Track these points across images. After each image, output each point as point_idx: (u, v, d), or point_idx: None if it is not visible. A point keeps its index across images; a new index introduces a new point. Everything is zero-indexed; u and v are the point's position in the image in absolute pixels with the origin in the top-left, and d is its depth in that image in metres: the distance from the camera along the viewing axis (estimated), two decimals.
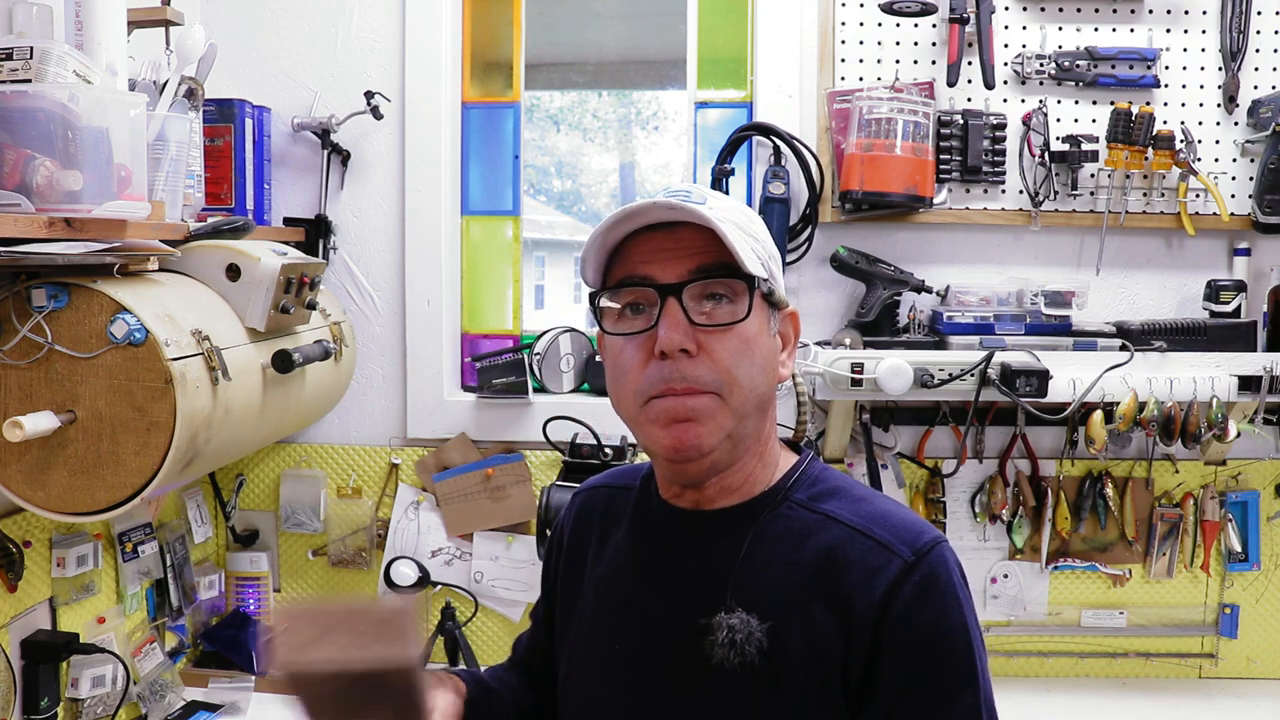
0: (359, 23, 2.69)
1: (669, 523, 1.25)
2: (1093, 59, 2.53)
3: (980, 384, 2.34)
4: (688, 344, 1.11)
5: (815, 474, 1.24)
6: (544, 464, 2.69)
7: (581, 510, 1.42)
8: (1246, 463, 2.60)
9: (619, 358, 1.17)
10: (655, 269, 1.14)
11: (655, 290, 1.13)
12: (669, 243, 1.15)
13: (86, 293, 1.67)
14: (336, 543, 2.72)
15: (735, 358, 1.13)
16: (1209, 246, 2.62)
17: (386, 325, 2.75)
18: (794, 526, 1.18)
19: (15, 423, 1.58)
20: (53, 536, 2.09)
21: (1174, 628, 2.64)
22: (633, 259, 1.16)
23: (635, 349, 1.15)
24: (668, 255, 1.14)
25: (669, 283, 1.13)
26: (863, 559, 1.12)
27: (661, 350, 1.11)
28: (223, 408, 1.85)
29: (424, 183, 2.69)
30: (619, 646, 1.24)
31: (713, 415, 1.13)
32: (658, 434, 1.14)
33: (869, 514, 1.16)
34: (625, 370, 1.16)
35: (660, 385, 1.12)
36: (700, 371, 1.12)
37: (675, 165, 2.93)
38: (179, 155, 1.94)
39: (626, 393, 1.16)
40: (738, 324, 1.14)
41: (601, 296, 1.19)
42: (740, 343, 1.14)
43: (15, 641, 1.98)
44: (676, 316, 1.12)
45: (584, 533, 1.39)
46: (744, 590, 1.15)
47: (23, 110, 1.58)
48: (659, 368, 1.12)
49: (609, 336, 1.18)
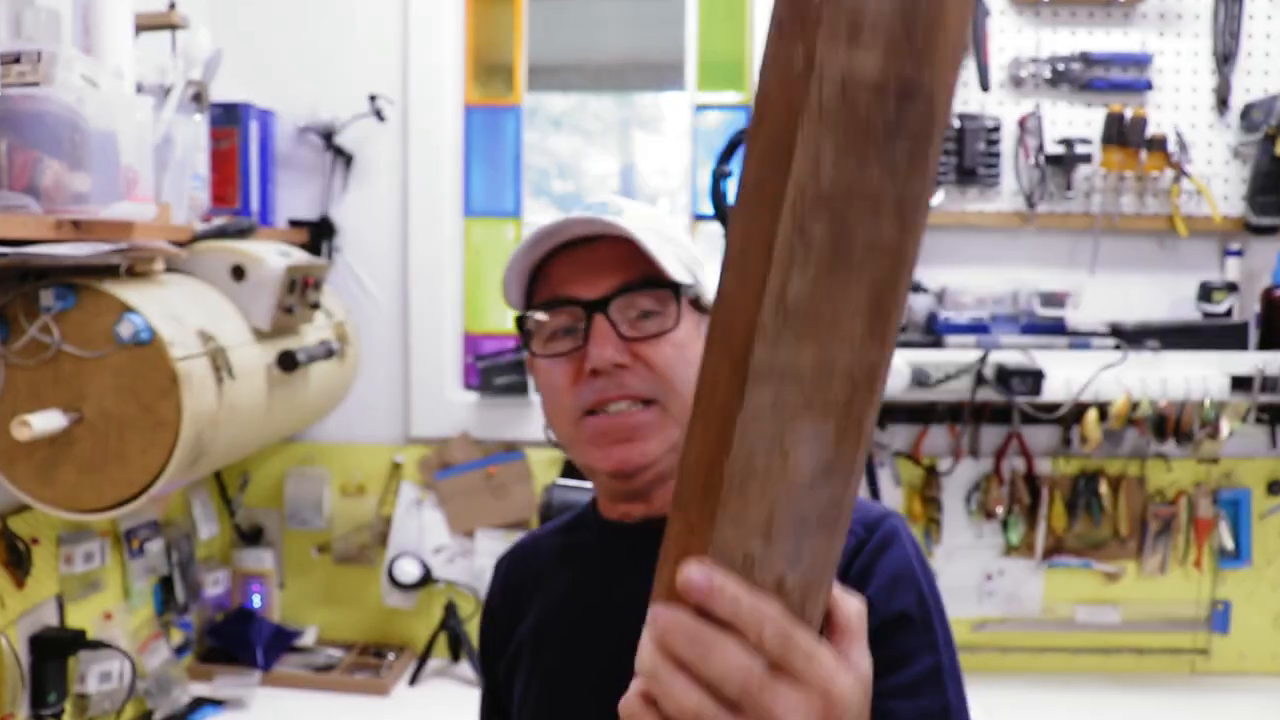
0: (362, 27, 2.71)
1: (614, 540, 1.20)
2: (1087, 63, 2.55)
3: (976, 383, 2.37)
4: (620, 358, 1.08)
5: None
6: (545, 462, 2.72)
7: (508, 575, 1.34)
8: (1238, 461, 2.62)
9: (549, 378, 1.13)
10: (579, 287, 1.10)
11: (581, 308, 1.09)
12: (589, 258, 1.11)
13: (94, 293, 1.69)
14: (340, 540, 2.75)
15: (671, 365, 1.10)
16: (1201, 247, 2.65)
17: (389, 325, 2.77)
18: None
19: (23, 421, 1.59)
20: (60, 533, 2.10)
21: (1167, 624, 2.66)
22: (555, 278, 1.12)
23: (565, 368, 1.11)
24: (590, 272, 1.11)
25: (594, 299, 1.09)
26: None
27: (594, 368, 1.07)
28: (228, 406, 1.86)
29: (426, 184, 2.71)
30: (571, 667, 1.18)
31: (655, 428, 1.09)
32: (596, 455, 1.10)
33: None
34: (556, 389, 1.11)
35: (594, 397, 1.09)
36: (636, 382, 1.09)
37: (675, 167, 2.95)
38: (185, 158, 1.96)
39: (560, 412, 1.12)
40: (668, 333, 1.11)
41: (527, 319, 1.14)
42: (674, 349, 1.10)
43: (23, 637, 2.00)
44: (605, 332, 1.08)
45: (516, 596, 1.31)
46: None
47: (31, 113, 1.59)
48: (591, 383, 1.08)
49: (538, 360, 1.13)
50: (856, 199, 0.52)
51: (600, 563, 1.21)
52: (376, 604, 2.77)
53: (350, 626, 2.79)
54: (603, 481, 1.18)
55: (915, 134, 0.53)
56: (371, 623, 2.78)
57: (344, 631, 2.79)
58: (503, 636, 1.29)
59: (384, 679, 2.54)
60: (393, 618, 2.77)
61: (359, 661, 2.65)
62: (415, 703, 2.51)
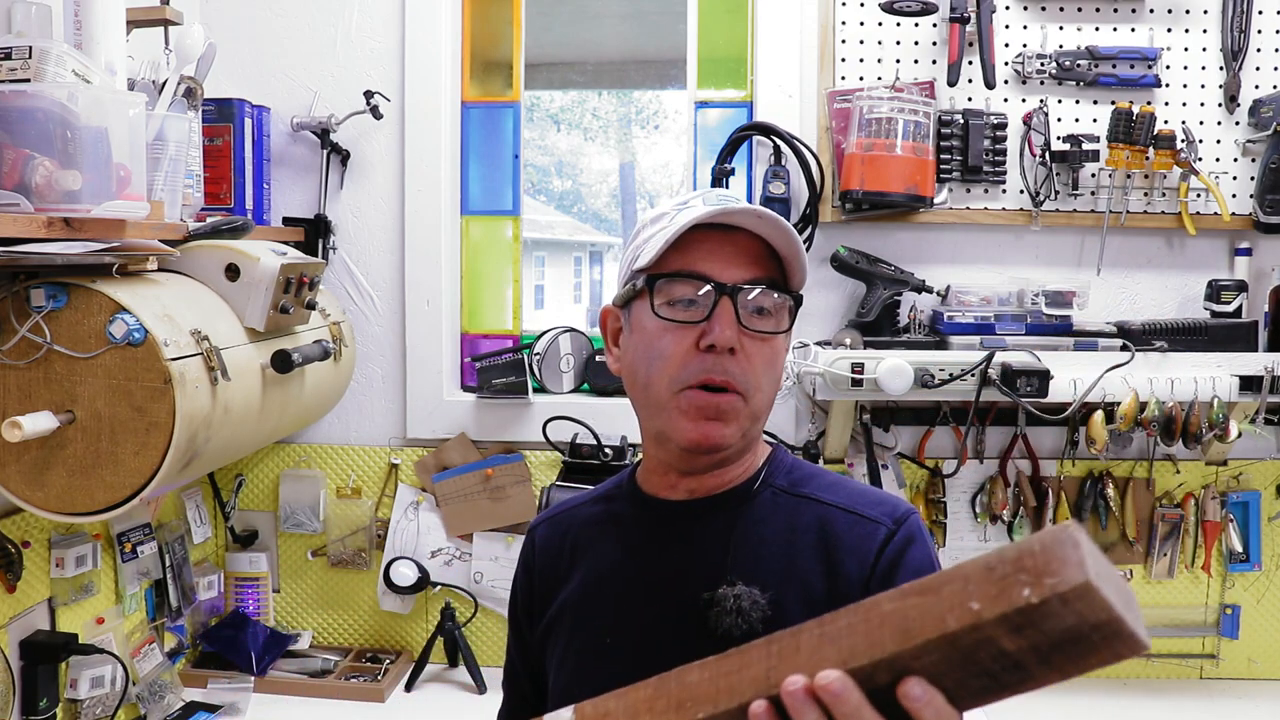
0: (359, 22, 2.68)
1: (658, 515, 1.28)
2: (1093, 58, 2.53)
3: (981, 384, 2.34)
4: (736, 342, 1.16)
5: (789, 462, 1.31)
6: (544, 464, 2.69)
7: (548, 539, 1.41)
8: (1247, 463, 2.60)
9: (657, 342, 1.19)
10: (715, 267, 1.18)
11: (714, 287, 1.17)
12: (729, 246, 1.19)
13: (85, 293, 1.67)
14: (336, 543, 2.72)
15: (765, 366, 1.20)
16: (1210, 246, 2.62)
17: (386, 325, 2.75)
18: (780, 510, 1.24)
19: (14, 423, 1.58)
20: (52, 537, 2.08)
21: (1175, 628, 2.64)
22: (694, 253, 1.19)
23: (678, 337, 1.18)
24: (729, 257, 1.19)
25: (729, 283, 1.17)
26: (851, 530, 1.20)
27: (712, 344, 1.15)
28: (222, 408, 1.84)
29: (424, 182, 2.69)
30: (609, 640, 1.25)
31: (737, 415, 1.18)
32: (685, 425, 1.18)
33: (847, 494, 1.25)
34: (664, 355, 1.18)
35: (701, 375, 1.16)
36: (739, 370, 1.17)
37: (675, 165, 2.92)
38: (178, 155, 1.94)
39: (661, 377, 1.19)
40: (776, 335, 1.21)
41: (659, 280, 1.20)
42: (772, 353, 1.21)
43: (14, 642, 1.98)
44: (730, 315, 1.16)
45: (555, 560, 1.38)
46: (740, 566, 1.19)
47: (22, 110, 1.58)
48: (702, 360, 1.17)
49: (653, 320, 1.20)
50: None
51: (643, 537, 1.30)
52: (373, 608, 2.74)
53: (346, 631, 2.76)
54: (668, 452, 1.25)
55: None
56: (367, 627, 2.75)
57: (339, 636, 2.76)
58: (543, 600, 1.37)
59: (380, 684, 2.52)
60: (389, 622, 2.74)
61: (355, 666, 2.62)
62: (412, 708, 2.48)
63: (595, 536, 1.34)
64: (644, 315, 1.21)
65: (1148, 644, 0.66)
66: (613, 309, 1.31)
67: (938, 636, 0.69)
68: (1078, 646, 0.66)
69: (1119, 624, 0.65)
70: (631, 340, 1.24)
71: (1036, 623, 0.66)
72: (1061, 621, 0.65)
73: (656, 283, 1.20)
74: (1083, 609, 0.64)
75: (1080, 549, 0.66)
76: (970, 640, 0.68)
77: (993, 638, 0.67)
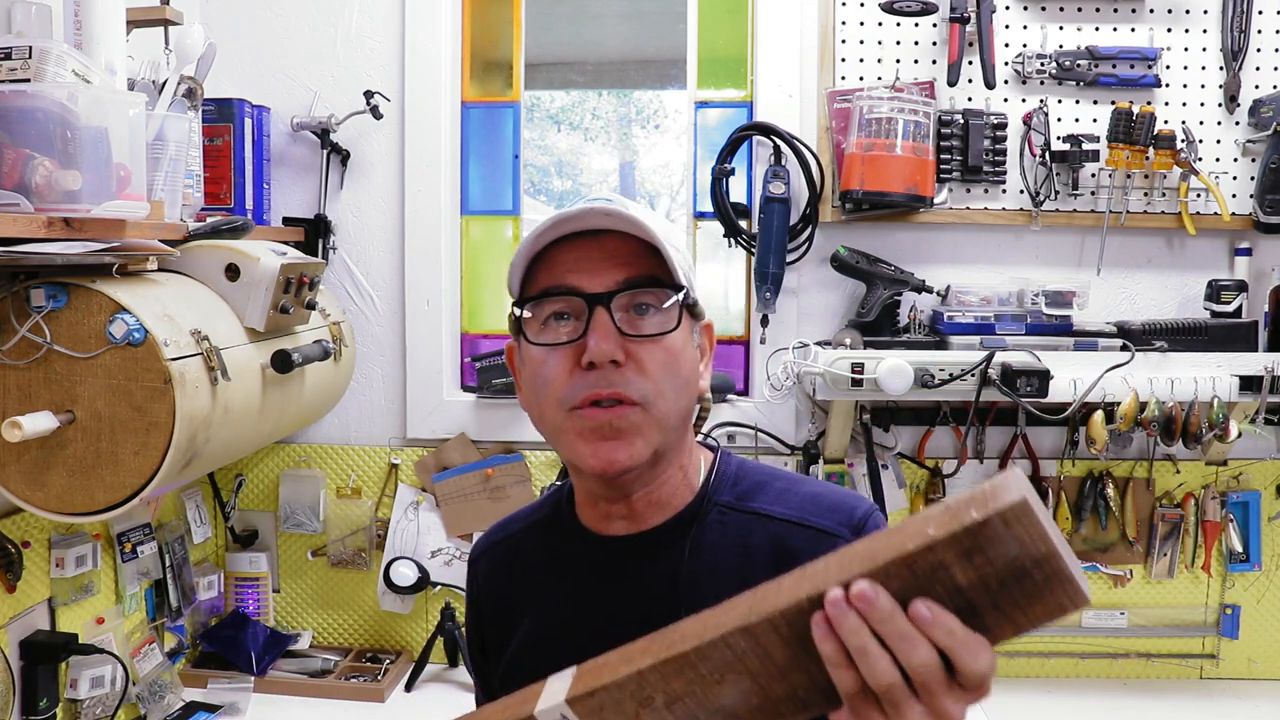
0: (358, 22, 2.68)
1: (601, 554, 1.21)
2: (1093, 58, 2.53)
3: (981, 384, 2.34)
4: (617, 354, 1.08)
5: (733, 471, 1.23)
6: (543, 464, 2.69)
7: (490, 576, 1.35)
8: (1247, 463, 2.59)
9: (541, 369, 1.12)
10: (582, 278, 1.10)
11: (583, 300, 1.09)
12: (595, 251, 1.11)
13: (85, 293, 1.67)
14: (336, 543, 2.72)
15: (662, 369, 1.11)
16: (1210, 246, 2.62)
17: (386, 325, 2.75)
18: (729, 532, 1.17)
19: (14, 423, 1.58)
20: (51, 537, 2.08)
21: (1175, 628, 2.63)
22: (559, 267, 1.12)
23: (559, 359, 1.11)
24: (595, 264, 1.11)
25: (598, 292, 1.09)
26: (808, 549, 1.09)
27: (590, 361, 1.07)
28: (222, 408, 1.84)
29: (424, 182, 2.69)
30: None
31: (639, 430, 1.10)
32: (582, 450, 1.11)
33: (798, 503, 1.17)
34: (548, 380, 1.11)
35: (586, 392, 1.09)
36: (628, 380, 1.09)
37: (675, 165, 2.92)
38: (178, 155, 1.94)
39: (549, 403, 1.12)
40: (666, 335, 1.11)
41: (525, 305, 1.13)
42: (667, 354, 1.11)
43: (14, 642, 1.98)
44: (606, 327, 1.08)
45: (501, 599, 1.31)
46: (694, 604, 1.12)
47: (21, 110, 1.58)
48: (585, 377, 1.09)
49: (531, 347, 1.13)
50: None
51: (589, 578, 1.21)
52: (373, 608, 2.74)
53: (346, 631, 2.76)
54: (585, 481, 1.20)
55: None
56: (367, 627, 2.75)
57: (339, 636, 2.76)
58: (496, 643, 1.30)
59: (380, 684, 2.51)
60: (389, 622, 2.74)
61: (355, 666, 2.62)
62: (412, 708, 2.48)
63: (540, 577, 1.27)
64: (526, 346, 1.14)
65: (1088, 597, 0.71)
66: (512, 344, 1.23)
67: (897, 557, 0.73)
68: (1022, 585, 0.71)
69: (1057, 560, 0.70)
70: (525, 374, 1.17)
71: (983, 546, 0.71)
72: (1005, 549, 0.70)
73: (525, 307, 1.13)
74: (1021, 534, 0.70)
75: (1022, 484, 0.72)
76: (926, 563, 0.73)
77: (945, 563, 0.72)
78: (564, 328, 1.12)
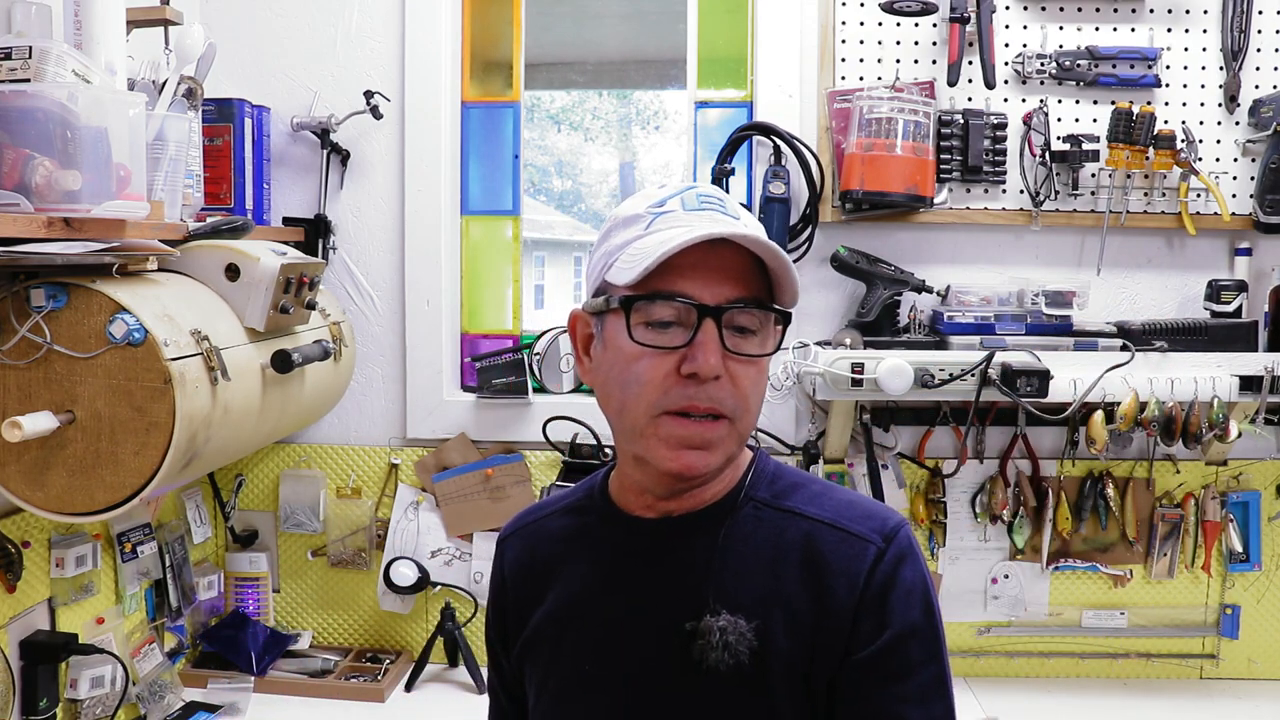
0: (358, 22, 2.68)
1: (634, 534, 1.22)
2: (1093, 58, 2.53)
3: (981, 384, 2.34)
4: (721, 370, 1.09)
5: (771, 471, 1.24)
6: (544, 464, 2.69)
7: (518, 555, 1.36)
8: (1247, 463, 2.59)
9: (634, 365, 1.11)
10: (697, 287, 1.09)
11: (697, 310, 1.09)
12: (712, 259, 1.10)
13: (85, 293, 1.67)
14: (336, 543, 2.72)
15: (752, 386, 1.13)
16: (1210, 246, 2.62)
17: (386, 325, 2.74)
18: (763, 527, 1.18)
19: (14, 423, 1.58)
20: (52, 537, 2.08)
21: (1175, 628, 2.63)
22: (673, 271, 1.09)
23: (658, 362, 1.10)
24: (709, 274, 1.10)
25: (711, 305, 1.09)
26: (838, 550, 1.14)
27: (696, 373, 1.08)
28: (222, 408, 1.84)
29: (424, 182, 2.69)
30: (589, 668, 1.21)
31: (723, 442, 1.12)
32: (664, 454, 1.11)
33: (833, 506, 1.18)
34: (641, 381, 1.11)
35: (684, 402, 1.09)
36: (724, 396, 1.10)
37: (675, 165, 2.92)
38: (178, 155, 1.94)
39: (638, 403, 1.11)
40: (764, 357, 1.14)
41: (636, 304, 1.11)
42: (759, 373, 1.14)
43: (14, 642, 1.98)
44: (715, 341, 1.09)
45: (526, 577, 1.33)
46: (723, 591, 1.14)
47: (21, 110, 1.58)
48: (684, 386, 1.09)
49: (629, 343, 1.11)
50: None
51: (619, 557, 1.24)
52: (373, 608, 2.74)
53: (346, 631, 2.76)
54: (647, 475, 1.20)
55: None
56: (367, 627, 2.75)
57: (339, 636, 2.76)
58: (517, 620, 1.32)
59: (380, 684, 2.51)
60: (389, 622, 2.74)
61: (355, 666, 2.62)
62: (412, 708, 2.48)
63: (567, 554, 1.28)
64: (619, 335, 1.12)
65: None
66: (583, 315, 1.21)
67: None
68: None
69: None
70: (605, 357, 1.16)
71: None
72: None
73: (634, 304, 1.11)
74: None
75: None
76: None
77: None
78: (668, 332, 1.10)
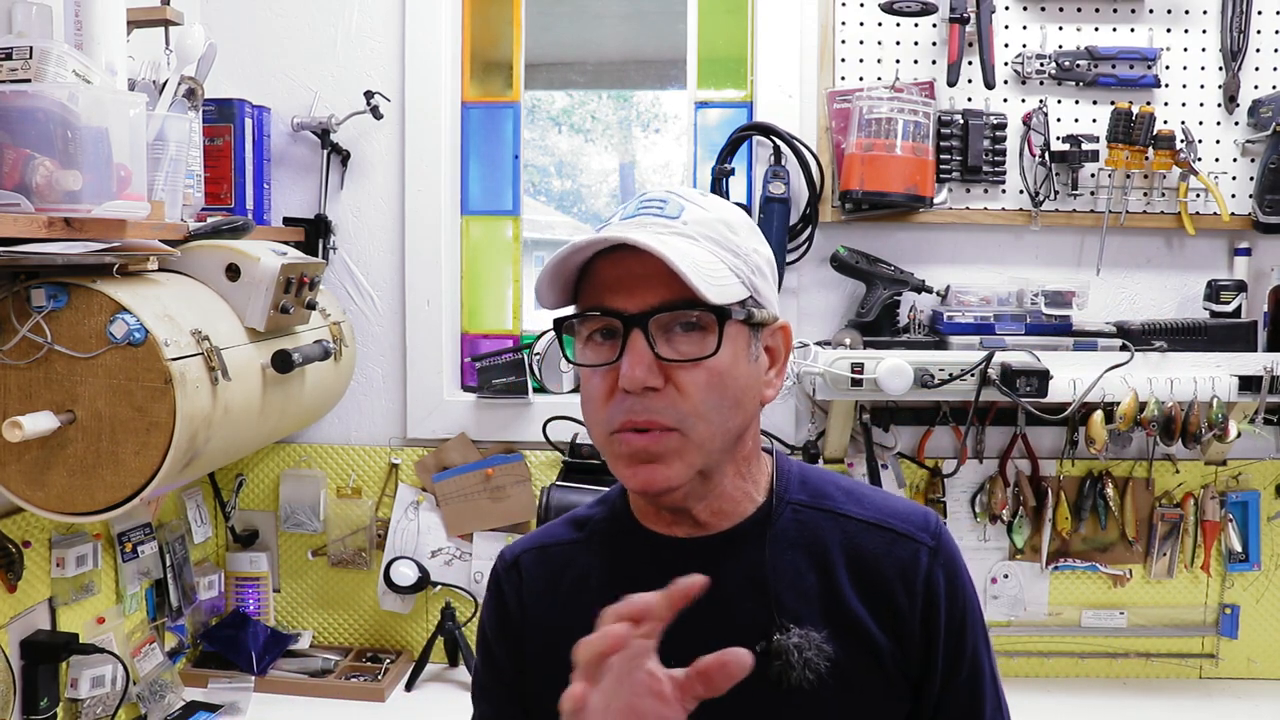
0: (359, 22, 2.68)
1: (669, 556, 1.15)
2: (1093, 59, 2.53)
3: (980, 384, 2.34)
4: (652, 380, 1.04)
5: (796, 471, 1.22)
6: (544, 464, 2.69)
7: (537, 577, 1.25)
8: (1247, 463, 2.60)
9: (586, 386, 1.11)
10: (621, 296, 1.06)
11: (620, 321, 1.06)
12: (637, 267, 1.05)
13: (86, 293, 1.67)
14: (336, 543, 2.72)
15: (704, 393, 1.06)
16: (1209, 246, 2.62)
17: (386, 325, 2.75)
18: (806, 529, 1.16)
19: (14, 423, 1.58)
20: (52, 536, 2.08)
21: (1174, 628, 2.64)
22: (599, 283, 1.08)
23: (601, 379, 1.09)
24: (635, 280, 1.06)
25: (633, 313, 1.05)
26: (889, 551, 1.14)
27: (624, 388, 1.05)
28: (222, 408, 1.84)
29: (424, 182, 2.69)
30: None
31: (678, 454, 1.07)
32: (625, 472, 1.09)
33: (872, 505, 1.18)
34: (592, 399, 1.10)
35: (622, 418, 1.06)
36: (663, 407, 1.05)
37: (675, 165, 2.92)
38: (178, 155, 1.94)
39: (594, 424, 1.11)
40: (705, 359, 1.06)
41: (565, 324, 1.11)
42: (710, 377, 1.06)
43: (15, 642, 1.98)
44: (641, 351, 1.04)
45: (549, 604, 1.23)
46: (786, 606, 1.12)
47: (22, 110, 1.58)
48: (622, 401, 1.06)
49: (578, 366, 1.12)
50: None
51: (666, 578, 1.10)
52: (373, 608, 2.74)
53: (346, 630, 2.76)
54: (636, 497, 1.20)
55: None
56: (368, 627, 2.75)
57: (340, 636, 2.76)
58: (544, 649, 1.21)
59: (380, 684, 2.51)
60: (389, 621, 2.74)
61: (355, 666, 2.62)
62: (412, 708, 2.48)
63: (602, 584, 1.18)
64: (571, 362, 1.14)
65: None
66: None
67: None
68: None
69: None
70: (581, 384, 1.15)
71: None
72: None
73: (563, 326, 1.11)
74: None
75: None
76: None
77: None
78: (605, 346, 1.09)
